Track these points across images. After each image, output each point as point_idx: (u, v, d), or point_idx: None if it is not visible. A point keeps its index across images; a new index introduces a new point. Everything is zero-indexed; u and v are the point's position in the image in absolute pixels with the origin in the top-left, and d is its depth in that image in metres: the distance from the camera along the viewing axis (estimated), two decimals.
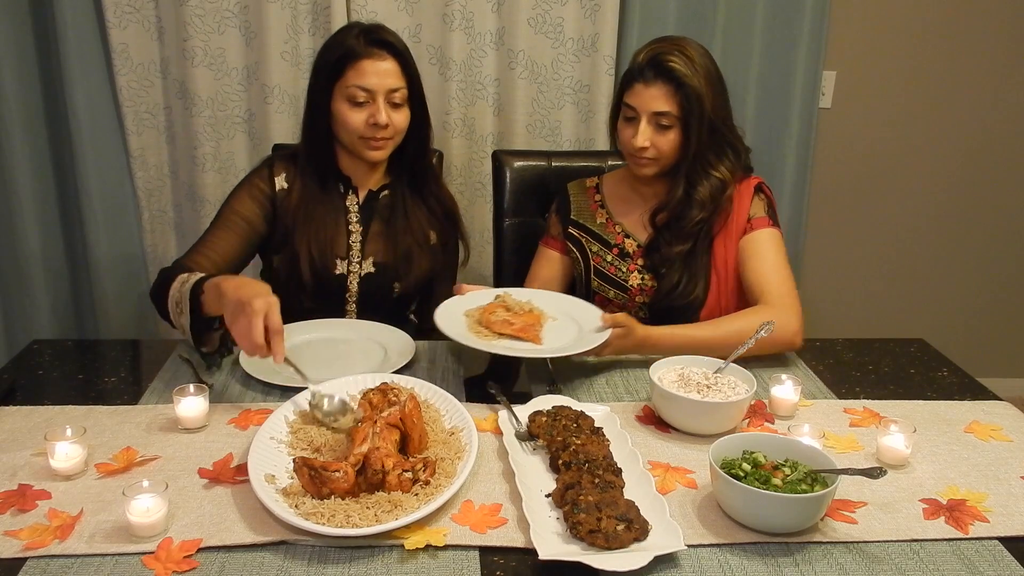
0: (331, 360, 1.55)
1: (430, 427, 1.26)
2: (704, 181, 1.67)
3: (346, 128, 1.67)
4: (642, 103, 1.63)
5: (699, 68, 1.61)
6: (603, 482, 1.09)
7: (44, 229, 2.48)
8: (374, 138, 1.67)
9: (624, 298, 1.77)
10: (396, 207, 1.81)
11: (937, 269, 2.99)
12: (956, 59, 2.75)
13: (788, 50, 2.52)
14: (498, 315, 1.51)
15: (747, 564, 1.01)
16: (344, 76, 1.65)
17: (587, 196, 1.85)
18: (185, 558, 0.99)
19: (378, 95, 1.65)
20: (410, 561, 1.01)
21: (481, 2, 2.38)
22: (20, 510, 1.08)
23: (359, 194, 1.79)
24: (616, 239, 1.79)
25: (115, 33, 2.32)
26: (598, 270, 1.79)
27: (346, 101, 1.66)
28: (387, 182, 1.82)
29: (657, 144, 1.64)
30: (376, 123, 1.65)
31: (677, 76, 1.60)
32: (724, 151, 1.68)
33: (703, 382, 1.34)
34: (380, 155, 1.71)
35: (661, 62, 1.61)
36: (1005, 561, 1.03)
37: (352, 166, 1.77)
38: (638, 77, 1.64)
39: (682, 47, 1.63)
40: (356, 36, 1.65)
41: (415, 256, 1.81)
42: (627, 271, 1.76)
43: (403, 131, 1.72)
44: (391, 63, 1.66)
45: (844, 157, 2.82)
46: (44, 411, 1.35)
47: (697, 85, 1.60)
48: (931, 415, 1.40)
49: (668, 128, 1.63)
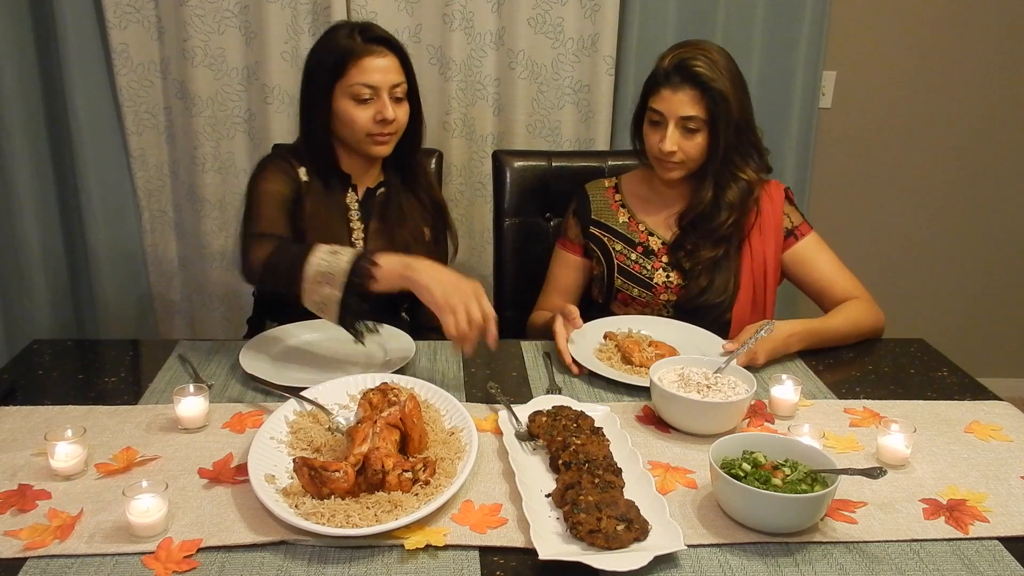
0: (330, 361, 1.55)
1: (430, 427, 1.26)
2: (732, 184, 1.69)
3: (353, 126, 1.67)
4: (669, 108, 1.64)
5: (723, 71, 1.63)
6: (603, 482, 1.09)
7: (44, 229, 2.48)
8: (381, 134, 1.68)
9: (648, 296, 1.77)
10: (392, 204, 1.81)
11: (937, 269, 2.99)
12: (956, 59, 2.74)
13: (788, 50, 2.52)
14: (648, 352, 1.53)
15: (747, 564, 1.01)
16: (346, 75, 1.65)
17: (607, 196, 1.85)
18: (185, 558, 0.99)
19: (382, 91, 1.65)
20: (410, 561, 1.01)
21: (481, 2, 2.38)
22: (20, 510, 1.08)
23: (358, 192, 1.80)
24: (640, 237, 1.80)
25: (115, 33, 2.32)
26: (622, 268, 1.79)
27: (350, 99, 1.65)
28: (382, 179, 1.83)
29: (685, 148, 1.66)
30: (384, 118, 1.65)
31: (703, 80, 1.61)
32: (749, 152, 1.71)
33: (703, 382, 1.34)
34: (385, 150, 1.71)
35: (687, 67, 1.62)
36: (1005, 561, 1.03)
37: (352, 164, 1.77)
38: (664, 82, 1.64)
39: (706, 51, 1.65)
40: (350, 35, 1.65)
41: (414, 253, 1.80)
42: (652, 269, 1.77)
43: (404, 126, 1.72)
44: (391, 59, 1.67)
45: (844, 157, 2.82)
46: (44, 411, 1.34)
47: (723, 88, 1.62)
48: (931, 415, 1.40)
49: (695, 132, 1.65)
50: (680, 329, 1.66)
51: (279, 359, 1.54)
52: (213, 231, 2.53)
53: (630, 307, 1.79)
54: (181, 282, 2.62)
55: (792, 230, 1.76)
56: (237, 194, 2.50)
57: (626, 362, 1.53)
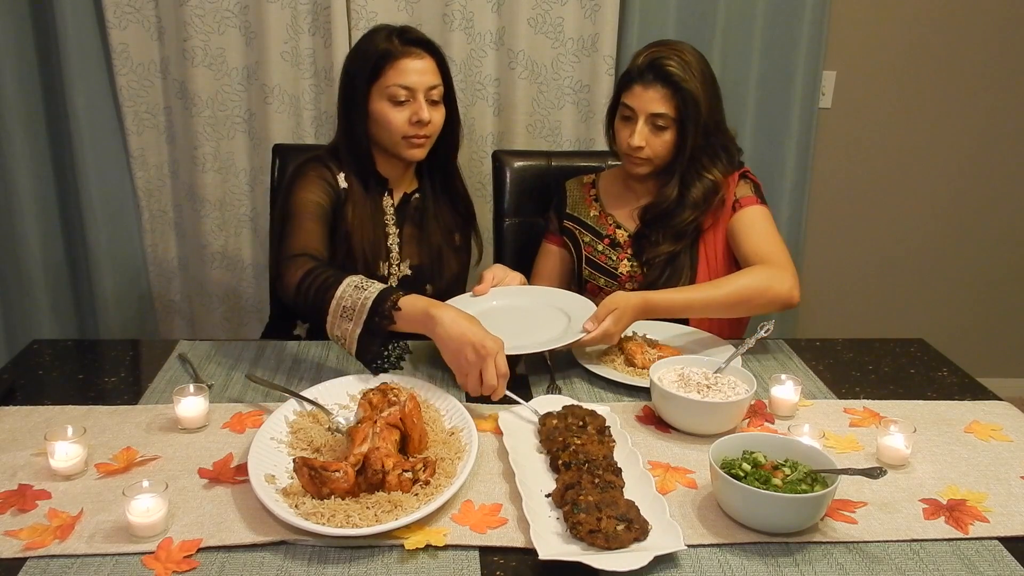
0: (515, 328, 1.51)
1: (430, 427, 1.26)
2: (697, 183, 1.72)
3: (389, 128, 1.66)
4: (640, 104, 1.68)
5: (696, 72, 1.67)
6: (603, 482, 1.09)
7: (44, 229, 2.48)
8: (416, 136, 1.67)
9: (614, 285, 1.82)
10: (426, 209, 1.81)
11: (937, 269, 2.98)
12: (956, 59, 2.74)
13: (788, 50, 2.52)
14: (651, 355, 1.53)
15: (747, 564, 1.01)
16: (383, 76, 1.64)
17: (583, 191, 1.92)
18: (185, 558, 0.99)
19: (419, 93, 1.64)
20: (410, 561, 1.01)
21: (481, 2, 2.38)
22: (20, 510, 1.08)
23: (394, 197, 1.79)
24: (608, 230, 1.85)
25: (115, 33, 2.32)
26: (589, 259, 1.85)
27: (387, 101, 1.65)
28: (417, 185, 1.83)
29: (652, 144, 1.70)
30: (420, 120, 1.64)
31: (675, 79, 1.65)
32: (718, 154, 1.74)
33: (703, 382, 1.34)
34: (421, 153, 1.70)
35: (660, 65, 1.66)
36: (1005, 561, 1.03)
37: (389, 168, 1.76)
38: (637, 79, 1.69)
39: (680, 51, 1.68)
40: (388, 37, 1.64)
41: (446, 258, 1.83)
42: (617, 259, 1.82)
43: (439, 129, 1.71)
44: (429, 61, 1.66)
45: (844, 157, 2.82)
46: (44, 411, 1.34)
47: (694, 88, 1.65)
48: (931, 415, 1.40)
49: (664, 129, 1.69)
50: (685, 334, 1.67)
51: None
52: (213, 231, 2.53)
53: (599, 298, 1.80)
54: (181, 282, 2.62)
55: (735, 202, 1.75)
56: (237, 194, 2.51)
57: (629, 364, 1.53)
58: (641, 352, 1.53)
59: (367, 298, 1.38)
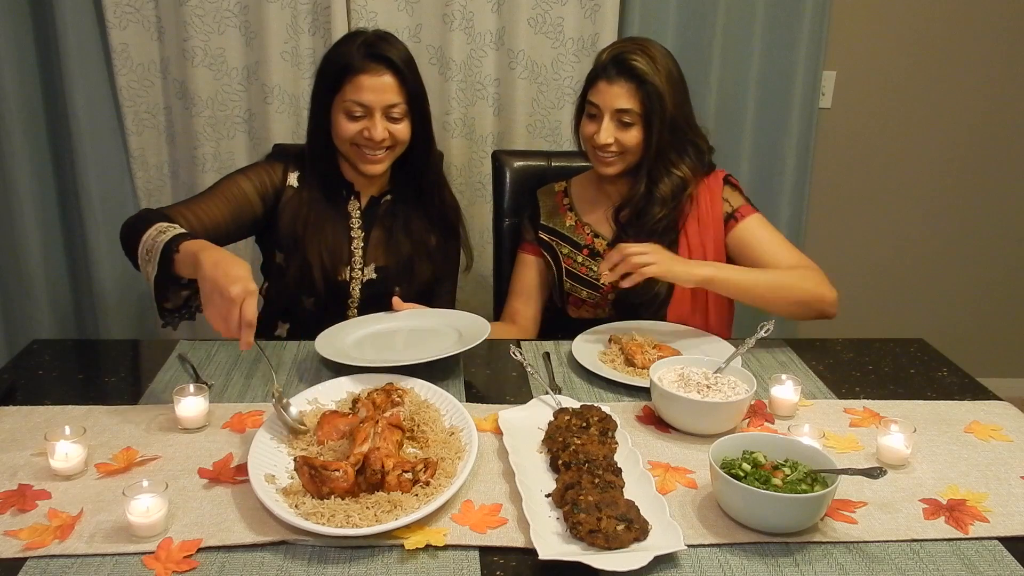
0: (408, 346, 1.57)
1: (430, 427, 1.26)
2: (665, 178, 1.72)
3: (340, 138, 1.68)
4: (605, 100, 1.67)
5: (660, 68, 1.66)
6: (603, 482, 1.09)
7: (44, 229, 2.48)
8: (371, 152, 1.67)
9: (597, 297, 1.80)
10: (397, 214, 1.81)
11: (937, 269, 2.98)
12: (956, 59, 2.74)
13: (788, 50, 2.52)
14: (651, 355, 1.53)
15: (747, 564, 1.01)
16: (342, 90, 1.65)
17: (555, 200, 1.89)
18: (185, 558, 0.99)
19: (375, 110, 1.64)
20: (410, 561, 1.01)
21: (481, 2, 2.38)
22: (20, 510, 1.08)
23: (361, 200, 1.79)
24: (586, 240, 1.83)
25: (115, 33, 2.32)
26: (570, 271, 1.83)
27: (343, 113, 1.66)
28: (389, 188, 1.82)
29: (620, 140, 1.69)
30: (370, 138, 1.65)
31: (639, 74, 1.65)
32: (686, 150, 1.73)
33: (703, 382, 1.34)
34: (377, 168, 1.70)
35: (624, 60, 1.66)
36: (1005, 561, 1.03)
37: (354, 172, 1.77)
38: (601, 75, 1.69)
39: (645, 47, 1.68)
40: (358, 47, 1.64)
41: (416, 264, 1.81)
42: (597, 270, 1.77)
43: (405, 142, 1.71)
44: (389, 78, 1.65)
45: (844, 157, 2.82)
46: (44, 411, 1.34)
47: (658, 83, 1.65)
48: (931, 415, 1.40)
49: (630, 125, 1.68)
50: (685, 334, 1.66)
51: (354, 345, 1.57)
52: None
53: (582, 309, 1.81)
54: None
55: (732, 213, 1.76)
56: None
57: (629, 364, 1.53)
58: (641, 352, 1.53)
59: (162, 241, 1.38)
